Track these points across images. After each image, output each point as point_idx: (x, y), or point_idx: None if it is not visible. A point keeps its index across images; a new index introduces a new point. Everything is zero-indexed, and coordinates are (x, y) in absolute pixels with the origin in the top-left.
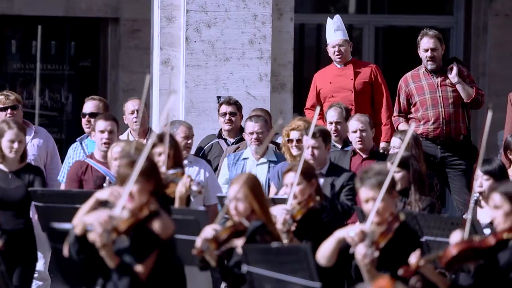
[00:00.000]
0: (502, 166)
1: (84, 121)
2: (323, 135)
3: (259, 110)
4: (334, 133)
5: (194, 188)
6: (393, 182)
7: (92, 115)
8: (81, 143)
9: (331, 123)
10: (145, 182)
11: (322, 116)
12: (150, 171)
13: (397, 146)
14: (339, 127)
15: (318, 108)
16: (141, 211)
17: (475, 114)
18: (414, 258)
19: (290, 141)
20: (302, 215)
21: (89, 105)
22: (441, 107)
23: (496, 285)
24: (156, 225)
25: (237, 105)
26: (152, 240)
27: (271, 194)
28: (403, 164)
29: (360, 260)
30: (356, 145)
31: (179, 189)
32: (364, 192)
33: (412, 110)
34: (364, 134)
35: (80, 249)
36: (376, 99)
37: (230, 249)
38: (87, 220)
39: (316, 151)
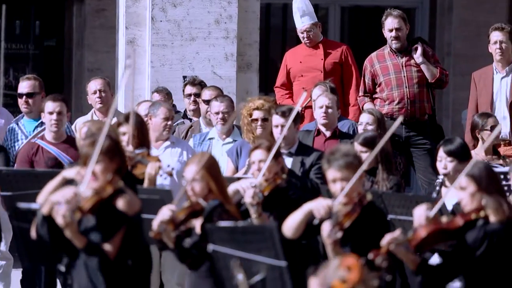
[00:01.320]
0: (464, 145)
1: (21, 101)
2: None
3: (212, 88)
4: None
5: (164, 171)
6: (360, 162)
7: (29, 95)
8: (17, 124)
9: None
10: (108, 161)
11: (291, 95)
12: (113, 150)
13: (366, 122)
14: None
15: (304, 94)
16: (105, 190)
17: (439, 93)
18: (384, 242)
19: (254, 120)
20: (270, 191)
21: (25, 85)
22: (406, 87)
23: (463, 264)
24: (121, 203)
25: (202, 86)
26: (118, 217)
27: (228, 171)
28: (370, 144)
29: (325, 239)
30: (320, 120)
31: (148, 172)
32: (331, 173)
33: (377, 90)
34: (330, 110)
35: (49, 228)
36: (345, 80)
37: (189, 230)
38: (53, 199)
39: (286, 131)
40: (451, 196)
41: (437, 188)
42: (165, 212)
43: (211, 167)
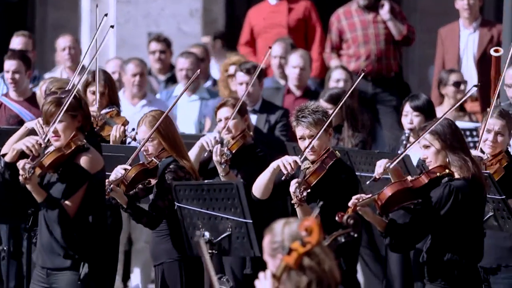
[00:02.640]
0: (429, 101)
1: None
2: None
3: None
4: (297, 77)
5: (129, 134)
6: (330, 121)
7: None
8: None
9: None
10: (70, 119)
11: (255, 53)
12: (75, 108)
13: (338, 78)
14: (303, 72)
15: (270, 50)
16: (66, 147)
17: (406, 50)
18: (350, 203)
19: (230, 76)
20: (238, 148)
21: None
22: (373, 44)
23: (430, 223)
24: (83, 160)
25: (166, 42)
26: (80, 175)
27: (207, 129)
28: (335, 100)
29: (292, 196)
30: (293, 81)
31: (113, 134)
32: (300, 130)
33: (344, 47)
34: (303, 71)
35: (11, 175)
36: (309, 37)
37: (149, 188)
38: (17, 146)
39: (250, 88)
40: (416, 151)
41: (404, 142)
42: (118, 171)
43: (161, 125)
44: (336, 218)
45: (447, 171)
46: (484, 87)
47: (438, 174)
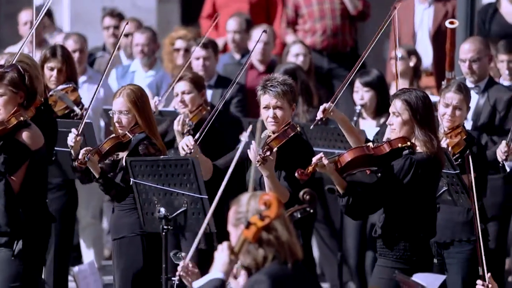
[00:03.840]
0: (380, 76)
1: None
2: (213, 47)
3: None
4: (261, 52)
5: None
6: (295, 94)
7: None
8: None
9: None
10: (12, 94)
11: (216, 27)
12: (17, 84)
13: (298, 53)
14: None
15: (217, 17)
16: (7, 122)
17: (361, 25)
18: (314, 159)
19: (176, 50)
20: (198, 120)
21: None
22: (329, 19)
23: (390, 191)
24: (24, 136)
25: (121, 18)
26: (21, 150)
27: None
28: (290, 75)
29: (252, 159)
30: (257, 56)
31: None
32: (266, 99)
33: (300, 22)
34: (267, 46)
35: None
36: (271, 12)
37: (116, 162)
38: None
39: (207, 62)
40: (371, 127)
41: (354, 118)
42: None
43: (137, 99)
44: (296, 174)
45: (408, 143)
46: (440, 62)
47: (400, 145)
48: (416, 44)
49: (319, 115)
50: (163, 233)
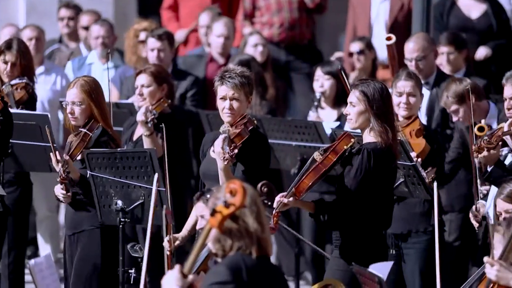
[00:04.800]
0: (341, 68)
1: None
2: (168, 39)
3: (89, 13)
4: (221, 45)
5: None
6: (252, 87)
7: None
8: None
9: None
10: None
11: (178, 18)
12: None
13: (256, 43)
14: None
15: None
16: None
17: (319, 18)
18: (274, 205)
19: (141, 42)
20: (160, 111)
21: None
22: (286, 11)
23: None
24: None
25: (77, 9)
26: None
27: (113, 97)
28: (245, 66)
29: (218, 157)
30: (217, 49)
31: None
32: (223, 90)
33: (257, 14)
34: (228, 41)
35: None
36: (233, 5)
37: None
38: None
39: (161, 53)
40: (328, 119)
41: (315, 104)
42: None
43: (92, 91)
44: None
45: (352, 140)
46: (397, 53)
47: (345, 147)
48: (372, 37)
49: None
50: (120, 226)
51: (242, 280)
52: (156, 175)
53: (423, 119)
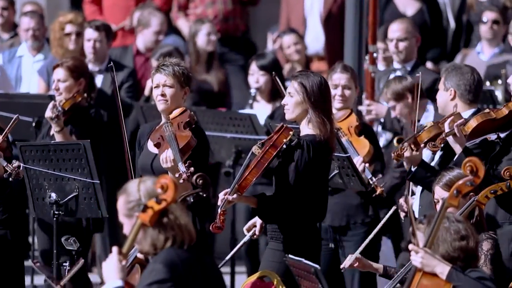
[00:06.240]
0: (275, 59)
1: None
2: (106, 30)
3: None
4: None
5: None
6: (187, 78)
7: None
8: None
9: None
10: None
11: (101, 11)
12: None
13: (208, 31)
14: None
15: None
16: None
17: (253, 10)
18: (219, 201)
19: (67, 35)
20: (70, 106)
21: None
22: (220, 4)
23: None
24: None
25: (9, 0)
26: None
27: (40, 89)
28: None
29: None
30: (149, 43)
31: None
32: (157, 78)
33: (191, 6)
34: (160, 36)
35: None
36: None
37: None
38: None
39: (97, 44)
40: (263, 111)
41: (250, 102)
42: None
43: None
44: (211, 229)
45: (291, 133)
46: (331, 47)
47: (285, 140)
48: (307, 29)
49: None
50: (54, 219)
51: (179, 275)
52: None
53: None
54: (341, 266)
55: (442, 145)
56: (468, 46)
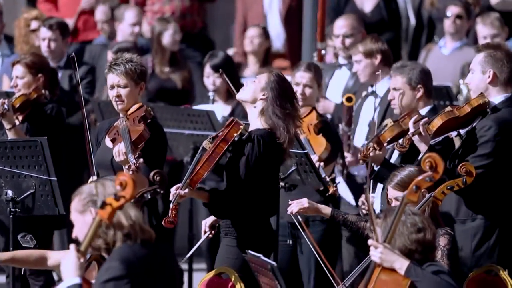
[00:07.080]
0: (228, 58)
1: None
2: (60, 28)
3: None
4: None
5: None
6: (142, 73)
7: None
8: None
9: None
10: None
11: (56, 9)
12: None
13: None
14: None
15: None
16: None
17: (210, 6)
18: (171, 196)
19: (33, 31)
20: (21, 103)
21: None
22: (177, 0)
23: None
24: None
25: None
26: None
27: (5, 86)
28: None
29: (123, 166)
30: (128, 37)
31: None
32: (110, 78)
33: (148, 3)
34: (136, 27)
35: None
36: None
37: None
38: None
39: (52, 43)
40: (220, 109)
41: (211, 104)
42: None
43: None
44: (163, 223)
45: (241, 126)
46: (291, 43)
47: (235, 134)
48: (268, 26)
49: None
50: (11, 216)
51: (136, 271)
52: None
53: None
54: (288, 211)
55: (408, 145)
56: (430, 42)
